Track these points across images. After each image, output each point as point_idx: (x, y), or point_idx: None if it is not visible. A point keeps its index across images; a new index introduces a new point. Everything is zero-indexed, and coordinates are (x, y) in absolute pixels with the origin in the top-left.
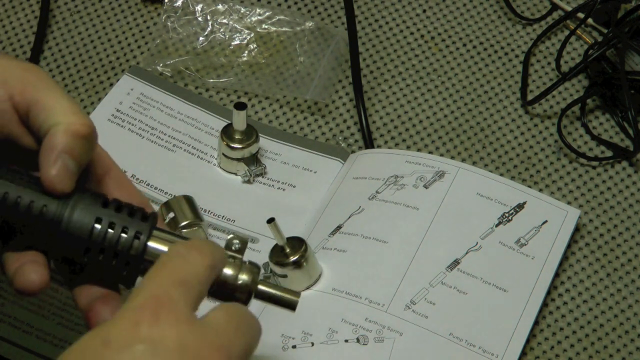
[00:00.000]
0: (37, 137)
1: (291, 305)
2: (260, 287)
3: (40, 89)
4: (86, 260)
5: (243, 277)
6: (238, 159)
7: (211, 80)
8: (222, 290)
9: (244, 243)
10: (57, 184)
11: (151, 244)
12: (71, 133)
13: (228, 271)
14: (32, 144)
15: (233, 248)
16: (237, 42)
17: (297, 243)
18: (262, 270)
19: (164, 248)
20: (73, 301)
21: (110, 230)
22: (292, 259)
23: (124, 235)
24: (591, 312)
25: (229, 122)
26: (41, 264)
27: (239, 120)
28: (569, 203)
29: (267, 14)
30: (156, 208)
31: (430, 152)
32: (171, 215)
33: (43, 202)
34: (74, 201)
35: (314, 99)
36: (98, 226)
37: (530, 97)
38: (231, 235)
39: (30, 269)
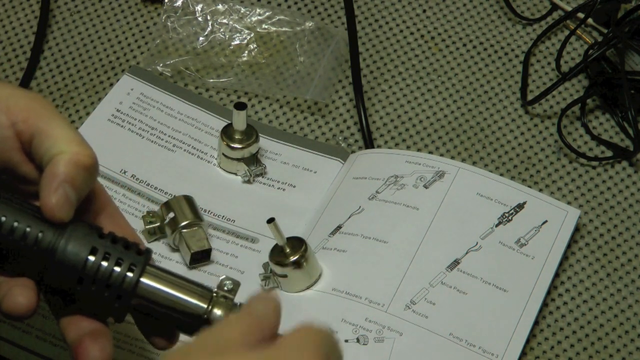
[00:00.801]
0: (38, 166)
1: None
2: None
3: (45, 117)
4: (78, 290)
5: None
6: (238, 159)
7: (211, 80)
8: None
9: (236, 285)
10: (56, 212)
11: (144, 280)
12: (74, 163)
13: (218, 312)
14: (32, 172)
15: (225, 288)
16: (237, 42)
17: (297, 243)
18: (262, 271)
19: (156, 285)
20: (60, 333)
21: (104, 263)
22: (292, 259)
23: (117, 268)
24: (591, 312)
25: (229, 122)
26: (31, 288)
27: (239, 120)
28: (569, 203)
29: (267, 14)
30: (156, 208)
31: (430, 152)
32: (171, 215)
33: (39, 229)
34: (69, 231)
35: (314, 99)
36: (92, 258)
37: (530, 97)
38: (224, 276)
39: (19, 292)
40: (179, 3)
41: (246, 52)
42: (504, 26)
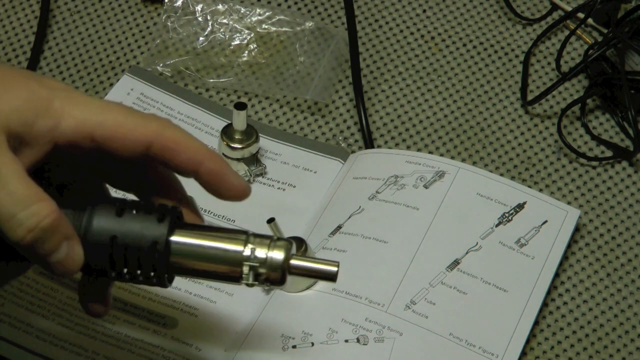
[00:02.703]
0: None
1: (330, 276)
2: (294, 262)
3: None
4: (114, 275)
5: (273, 256)
6: (238, 159)
7: (211, 80)
8: (256, 273)
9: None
10: (248, 191)
11: (175, 238)
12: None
13: (259, 253)
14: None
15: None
16: (237, 42)
17: (297, 243)
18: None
19: (187, 240)
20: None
21: (130, 232)
22: None
23: (145, 233)
24: (591, 312)
25: (229, 122)
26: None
27: (239, 120)
28: (569, 203)
29: (267, 14)
30: None
31: (430, 152)
32: None
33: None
34: (89, 212)
35: (314, 99)
36: (116, 231)
37: (530, 97)
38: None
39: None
40: (179, 3)
41: (246, 52)
42: (504, 26)
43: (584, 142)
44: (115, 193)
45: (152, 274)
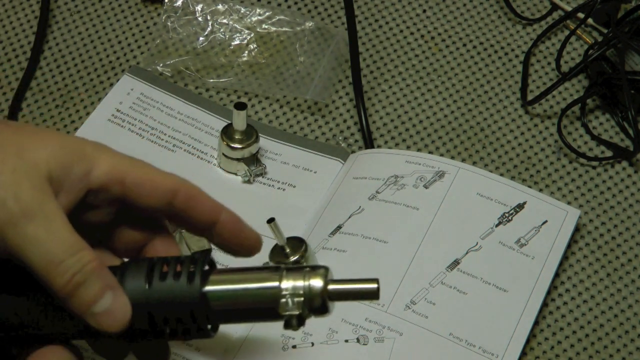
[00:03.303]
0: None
1: (372, 294)
2: (332, 287)
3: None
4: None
5: (311, 284)
6: (238, 159)
7: (211, 80)
8: (297, 305)
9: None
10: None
11: (209, 287)
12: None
13: (296, 284)
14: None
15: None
16: (237, 42)
17: (297, 243)
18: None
19: (222, 287)
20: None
21: (163, 291)
22: (292, 259)
23: (178, 288)
24: (591, 312)
25: (229, 122)
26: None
27: (239, 120)
28: (569, 203)
29: (267, 14)
30: None
31: (430, 152)
32: None
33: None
34: (120, 274)
35: (314, 99)
36: (150, 289)
37: (530, 97)
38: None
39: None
40: (179, 3)
41: (246, 52)
42: (504, 26)
43: (584, 142)
44: None
45: (193, 326)
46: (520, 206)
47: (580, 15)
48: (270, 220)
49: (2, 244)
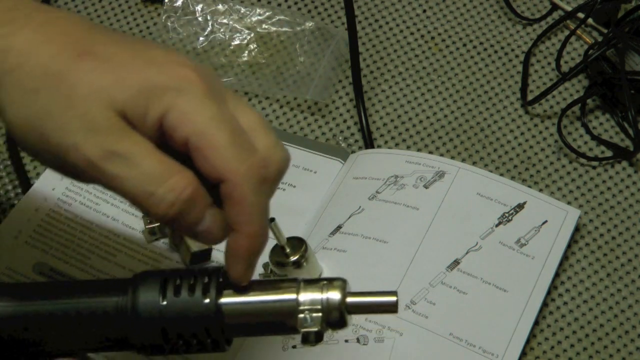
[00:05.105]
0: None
1: (390, 307)
2: (351, 300)
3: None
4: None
5: (329, 297)
6: None
7: None
8: (314, 318)
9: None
10: (244, 281)
11: (224, 300)
12: (259, 238)
13: (314, 297)
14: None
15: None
16: (237, 42)
17: (297, 243)
18: (262, 271)
19: (236, 299)
20: None
21: (178, 303)
22: (292, 259)
23: (192, 300)
24: (591, 312)
25: None
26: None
27: None
28: (569, 203)
29: (267, 14)
30: None
31: (430, 152)
32: None
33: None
34: (132, 289)
35: (314, 99)
36: (164, 302)
37: (530, 97)
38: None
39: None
40: (179, 3)
41: (246, 52)
42: (504, 26)
43: (584, 142)
44: None
45: (208, 341)
46: (520, 206)
47: (580, 15)
48: (271, 220)
49: (95, 182)
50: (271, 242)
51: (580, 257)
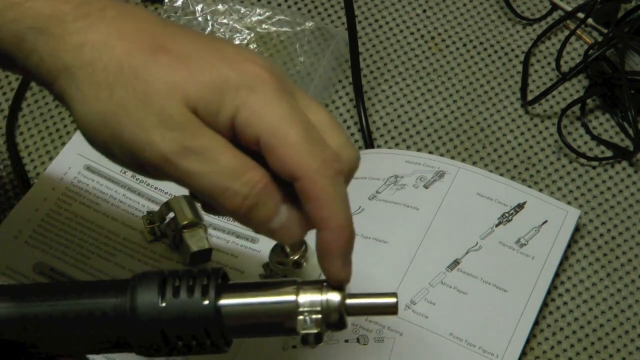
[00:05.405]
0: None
1: (390, 309)
2: (350, 301)
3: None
4: (168, 349)
5: (329, 298)
6: None
7: None
8: (314, 320)
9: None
10: (347, 281)
11: (223, 301)
12: (347, 233)
13: (313, 298)
14: None
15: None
16: (237, 42)
17: (297, 243)
18: (262, 271)
19: (235, 301)
20: None
21: (176, 306)
22: (293, 259)
23: (190, 301)
24: (591, 312)
25: None
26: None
27: None
28: (569, 203)
29: (267, 14)
30: (156, 208)
31: (430, 152)
32: (171, 215)
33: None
34: (131, 289)
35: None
36: (163, 304)
37: (530, 97)
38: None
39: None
40: (179, 3)
41: None
42: (504, 26)
43: (584, 142)
44: None
45: (207, 342)
46: (520, 206)
47: (580, 15)
48: None
49: (168, 178)
50: (271, 242)
51: (580, 257)
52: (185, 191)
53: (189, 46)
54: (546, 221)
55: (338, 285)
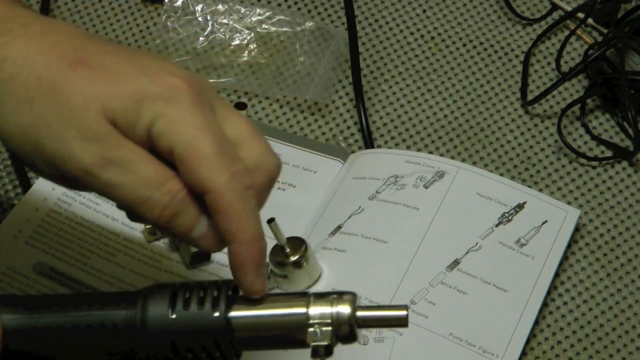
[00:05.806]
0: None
1: (401, 321)
2: (361, 313)
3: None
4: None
5: (339, 311)
6: None
7: (211, 80)
8: (324, 333)
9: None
10: (259, 293)
11: (234, 313)
12: (259, 246)
13: (323, 311)
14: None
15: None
16: (237, 42)
17: (297, 243)
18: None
19: (246, 313)
20: None
21: (186, 317)
22: (292, 259)
23: (201, 313)
24: (591, 312)
25: None
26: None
27: None
28: (569, 203)
29: (267, 14)
30: None
31: (430, 152)
32: None
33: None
34: (141, 303)
35: (314, 99)
36: (173, 316)
37: (530, 97)
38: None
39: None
40: (179, 3)
41: (246, 52)
42: (504, 26)
43: (584, 142)
44: None
45: (217, 354)
46: (520, 206)
47: (580, 15)
48: (270, 220)
49: (89, 189)
50: (271, 242)
51: (580, 257)
52: None
53: (108, 59)
54: (546, 221)
55: (254, 297)
